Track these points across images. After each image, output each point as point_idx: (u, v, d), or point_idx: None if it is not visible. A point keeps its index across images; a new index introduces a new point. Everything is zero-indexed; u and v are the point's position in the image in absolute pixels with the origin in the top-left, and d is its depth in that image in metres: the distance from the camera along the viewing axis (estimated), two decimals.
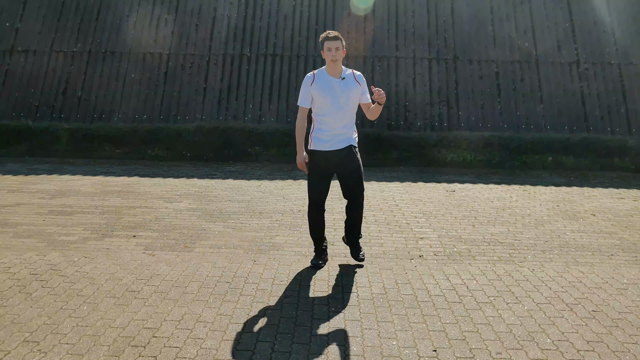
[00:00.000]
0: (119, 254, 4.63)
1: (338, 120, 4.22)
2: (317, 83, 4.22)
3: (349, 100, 4.23)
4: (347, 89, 4.22)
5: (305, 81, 4.28)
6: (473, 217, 6.09)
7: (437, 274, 4.29)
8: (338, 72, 4.23)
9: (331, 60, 4.17)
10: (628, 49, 10.51)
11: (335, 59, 4.16)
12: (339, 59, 4.19)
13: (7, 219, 5.68)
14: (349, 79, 4.25)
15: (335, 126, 4.22)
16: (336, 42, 4.16)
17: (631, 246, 5.12)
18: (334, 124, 4.22)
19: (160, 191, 7.14)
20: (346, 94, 4.21)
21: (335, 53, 4.15)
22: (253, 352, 3.04)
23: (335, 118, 4.22)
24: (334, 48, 4.15)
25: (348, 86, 4.23)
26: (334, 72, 4.23)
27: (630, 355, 3.07)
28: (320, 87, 4.20)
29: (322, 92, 4.19)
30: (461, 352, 3.07)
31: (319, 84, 4.21)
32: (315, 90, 4.21)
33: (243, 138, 9.72)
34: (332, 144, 4.21)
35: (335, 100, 4.19)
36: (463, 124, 9.99)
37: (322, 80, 4.22)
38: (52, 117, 10.30)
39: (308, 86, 4.24)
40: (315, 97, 4.24)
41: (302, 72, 10.49)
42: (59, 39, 10.93)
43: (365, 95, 4.32)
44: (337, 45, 4.16)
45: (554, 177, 8.69)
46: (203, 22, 11.01)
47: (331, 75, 4.23)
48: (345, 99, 4.21)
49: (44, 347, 3.04)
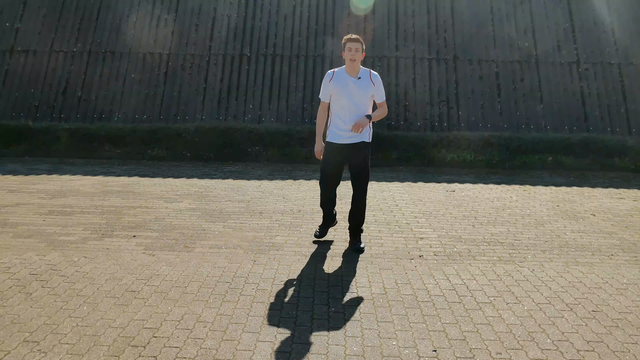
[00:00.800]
0: (119, 254, 4.63)
1: (352, 116, 4.59)
2: (335, 80, 4.61)
3: (363, 99, 4.60)
4: (362, 88, 4.58)
5: (325, 77, 4.69)
6: (473, 217, 6.09)
7: (437, 274, 4.29)
8: (355, 72, 4.60)
9: (350, 59, 4.53)
10: (628, 49, 10.51)
11: (354, 59, 4.53)
12: (357, 60, 4.54)
13: (7, 219, 5.68)
14: (364, 78, 4.61)
15: (350, 122, 4.58)
16: (357, 43, 4.55)
17: (631, 246, 5.12)
18: (349, 120, 4.58)
19: (160, 191, 7.14)
20: (360, 92, 4.58)
21: (355, 53, 4.52)
22: (253, 352, 3.04)
23: (350, 114, 4.58)
24: (354, 49, 4.52)
25: (363, 85, 4.59)
26: (351, 71, 4.59)
27: (630, 355, 3.07)
28: (337, 84, 4.59)
29: (338, 89, 4.58)
30: (461, 352, 3.07)
31: (337, 81, 4.60)
32: (333, 87, 4.61)
33: (243, 138, 9.72)
34: (346, 138, 4.61)
35: (350, 97, 4.57)
36: (463, 124, 10.00)
37: (340, 78, 4.60)
38: (52, 117, 10.30)
39: (327, 82, 4.65)
40: (332, 94, 4.64)
41: (302, 72, 10.49)
42: (59, 39, 10.93)
43: (377, 94, 4.68)
44: (357, 46, 4.53)
45: (554, 177, 8.69)
46: (203, 22, 11.01)
47: (349, 74, 4.60)
48: (359, 97, 4.58)
49: (44, 347, 3.04)
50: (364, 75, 4.61)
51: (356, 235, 4.88)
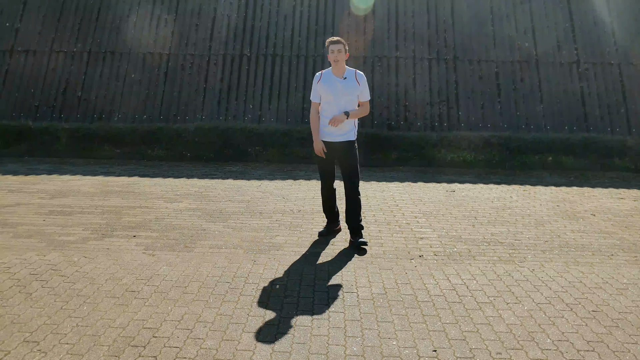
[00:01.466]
0: (119, 254, 4.63)
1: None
2: (322, 81, 4.78)
3: (349, 98, 4.76)
4: (348, 88, 4.75)
5: (314, 79, 4.84)
6: (473, 217, 6.09)
7: (437, 274, 4.29)
8: (341, 72, 4.76)
9: (334, 60, 4.70)
10: (628, 49, 10.51)
11: (337, 60, 4.69)
12: (340, 60, 4.70)
13: (7, 219, 5.68)
14: (350, 78, 4.78)
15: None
16: (338, 45, 4.69)
17: (631, 246, 5.12)
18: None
19: (160, 191, 7.14)
20: (346, 92, 4.74)
21: (337, 54, 4.68)
22: (253, 352, 3.04)
23: (336, 113, 4.73)
24: (336, 50, 4.68)
25: (349, 85, 4.76)
26: (337, 72, 4.76)
27: (630, 355, 3.07)
28: (324, 85, 4.76)
29: (325, 89, 4.75)
30: (461, 352, 3.07)
31: (324, 82, 4.77)
32: (321, 87, 4.77)
33: (243, 138, 9.72)
34: (334, 136, 4.80)
35: (337, 97, 4.73)
36: (463, 124, 9.99)
37: (327, 79, 4.77)
38: (52, 117, 10.30)
39: (316, 83, 4.81)
40: (321, 94, 4.80)
41: (302, 72, 10.49)
42: (59, 39, 10.93)
43: (361, 94, 4.83)
44: (339, 47, 4.69)
45: (554, 177, 8.69)
46: (203, 22, 11.01)
47: (335, 75, 4.77)
48: (345, 97, 4.74)
49: (44, 347, 3.04)
50: (350, 75, 4.76)
51: (357, 233, 4.92)
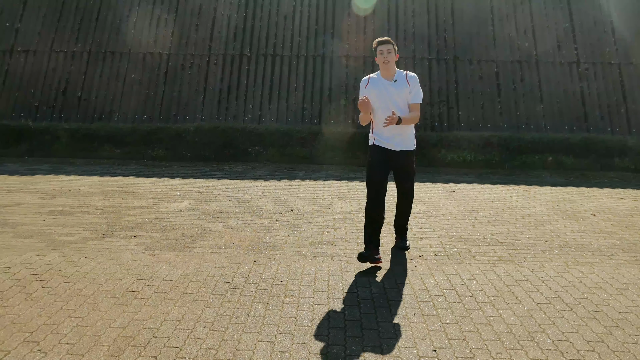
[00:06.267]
0: (119, 254, 4.63)
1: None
2: (371, 86, 4.38)
3: (401, 103, 4.35)
4: (399, 91, 4.34)
5: (360, 85, 4.45)
6: (473, 217, 6.09)
7: (437, 274, 4.29)
8: (391, 75, 4.38)
9: (383, 62, 4.33)
10: (628, 49, 10.51)
11: (387, 61, 4.32)
12: (391, 61, 4.33)
13: (7, 219, 5.68)
14: (400, 81, 4.37)
15: (391, 128, 4.32)
16: (387, 45, 4.33)
17: (631, 246, 5.12)
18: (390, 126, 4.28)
19: (160, 191, 7.14)
20: (398, 96, 4.33)
21: (387, 55, 4.30)
22: (253, 352, 3.04)
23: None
24: (386, 51, 4.31)
25: (399, 88, 4.35)
26: (387, 74, 4.38)
27: (630, 355, 3.07)
28: (373, 90, 4.35)
29: (375, 94, 4.33)
30: (461, 352, 3.07)
31: (373, 86, 4.37)
32: (369, 93, 4.34)
33: (243, 138, 9.72)
34: (389, 145, 4.38)
35: (388, 102, 4.32)
36: (463, 124, 9.99)
37: (376, 83, 4.38)
38: (52, 117, 10.30)
39: (363, 89, 4.40)
40: (370, 99, 4.33)
41: (302, 72, 10.49)
42: (59, 39, 10.93)
43: (410, 95, 4.37)
44: (388, 48, 4.32)
45: (554, 177, 8.69)
46: (203, 22, 11.01)
47: (384, 77, 4.38)
48: (397, 102, 4.33)
49: (44, 347, 3.04)
50: (400, 78, 4.37)
51: (402, 234, 4.90)
